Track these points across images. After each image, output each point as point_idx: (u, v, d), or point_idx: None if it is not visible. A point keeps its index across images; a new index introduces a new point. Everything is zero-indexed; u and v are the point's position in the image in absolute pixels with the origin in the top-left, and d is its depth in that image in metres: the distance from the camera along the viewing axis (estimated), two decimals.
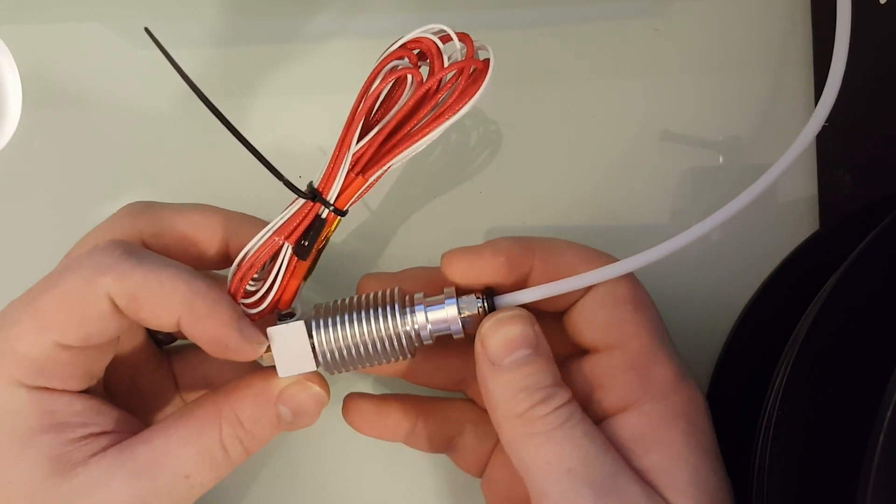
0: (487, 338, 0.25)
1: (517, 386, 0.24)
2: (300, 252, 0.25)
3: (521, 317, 0.25)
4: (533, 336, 0.25)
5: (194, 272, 0.25)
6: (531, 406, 0.24)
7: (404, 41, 0.24)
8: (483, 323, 0.25)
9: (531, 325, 0.25)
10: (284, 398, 0.26)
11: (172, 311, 0.24)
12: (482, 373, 0.25)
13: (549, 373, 0.25)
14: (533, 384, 0.24)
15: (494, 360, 0.25)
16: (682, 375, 0.26)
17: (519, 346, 0.25)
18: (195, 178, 0.34)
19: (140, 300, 0.24)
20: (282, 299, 0.26)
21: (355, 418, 0.29)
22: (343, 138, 0.24)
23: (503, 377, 0.25)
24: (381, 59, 0.24)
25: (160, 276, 0.24)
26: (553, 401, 0.24)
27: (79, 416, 0.24)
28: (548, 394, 0.24)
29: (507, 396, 0.24)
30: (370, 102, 0.24)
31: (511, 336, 0.25)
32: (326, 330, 0.26)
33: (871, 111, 0.30)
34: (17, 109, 0.34)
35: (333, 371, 0.26)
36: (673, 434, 0.25)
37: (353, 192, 0.25)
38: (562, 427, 0.24)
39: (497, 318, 0.25)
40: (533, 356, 0.25)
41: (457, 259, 0.26)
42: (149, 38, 0.23)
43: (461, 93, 0.24)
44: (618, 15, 0.35)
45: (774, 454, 0.24)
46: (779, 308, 0.28)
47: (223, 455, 0.25)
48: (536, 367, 0.25)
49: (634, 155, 0.34)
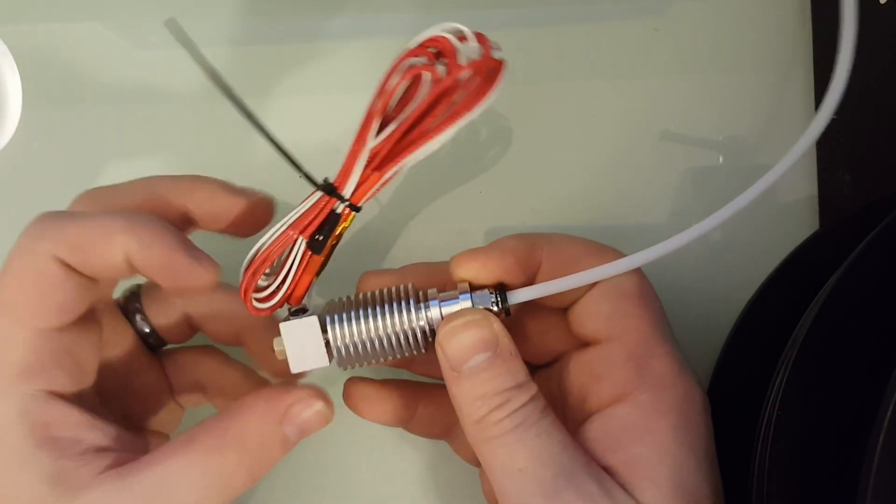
0: (443, 345, 0.25)
1: (475, 393, 0.25)
2: (314, 247, 0.25)
3: (475, 321, 0.25)
4: (490, 337, 0.25)
5: (136, 211, 0.25)
6: (487, 412, 0.24)
7: (421, 39, 0.24)
8: (439, 329, 0.25)
9: (488, 326, 0.25)
10: (290, 418, 0.25)
11: (117, 248, 0.23)
12: (445, 377, 0.25)
13: (508, 374, 0.25)
14: (490, 390, 0.24)
15: (453, 366, 0.25)
16: (681, 370, 0.26)
17: (476, 352, 0.25)
18: None
19: (84, 248, 0.23)
20: (294, 294, 0.26)
21: (357, 402, 0.29)
22: (360, 134, 0.25)
23: (462, 384, 0.25)
24: (398, 56, 0.24)
25: (97, 220, 0.24)
26: (509, 405, 0.24)
27: (73, 430, 0.24)
28: (504, 398, 0.24)
29: (466, 403, 0.25)
30: (387, 99, 0.24)
31: (466, 343, 0.25)
32: (341, 325, 0.26)
33: (871, 111, 0.30)
34: (17, 109, 0.34)
35: (346, 366, 0.26)
36: (662, 427, 0.25)
37: (369, 187, 0.25)
38: (515, 430, 0.24)
39: (451, 326, 0.25)
40: (491, 360, 0.25)
41: (466, 261, 0.26)
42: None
43: (477, 91, 0.24)
44: (618, 15, 0.35)
45: (774, 454, 0.24)
46: (779, 308, 0.28)
47: (228, 481, 0.25)
48: (494, 371, 0.25)
49: (634, 155, 0.34)
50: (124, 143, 0.34)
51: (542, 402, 0.25)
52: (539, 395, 0.25)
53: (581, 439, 0.25)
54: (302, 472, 0.33)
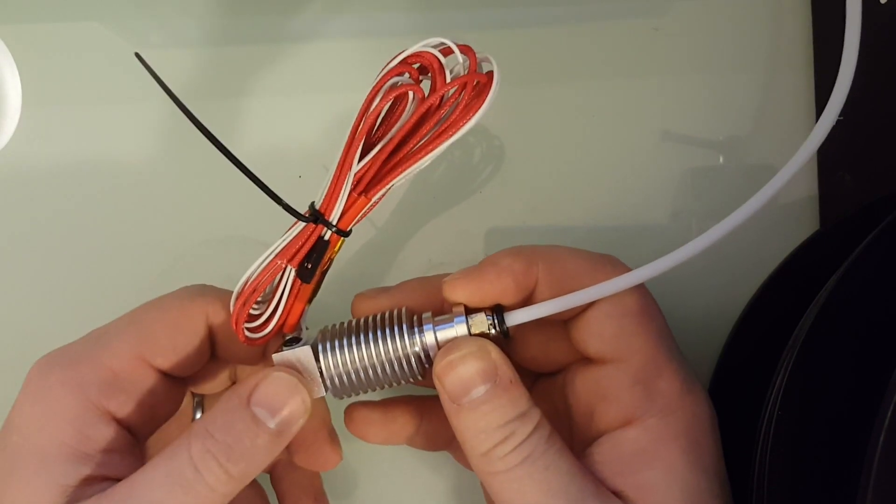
0: (442, 379, 0.25)
1: (477, 426, 0.24)
2: (303, 275, 0.25)
3: (472, 353, 0.24)
4: (489, 368, 0.24)
5: None
6: (492, 446, 0.24)
7: (404, 56, 0.23)
8: (436, 362, 0.25)
9: (486, 356, 0.24)
10: (257, 398, 0.24)
11: None
12: (445, 409, 0.25)
13: (510, 404, 0.24)
14: (493, 423, 0.24)
15: (453, 399, 0.24)
16: (688, 389, 0.25)
17: (475, 385, 0.24)
18: (196, 178, 0.34)
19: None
20: (287, 323, 0.25)
21: (362, 428, 0.29)
22: (344, 158, 0.24)
23: (464, 417, 0.24)
24: (380, 75, 0.23)
25: None
26: (514, 438, 0.24)
27: (102, 455, 0.24)
28: (509, 431, 0.24)
29: (469, 436, 0.24)
30: (371, 121, 0.23)
31: (464, 376, 0.24)
32: (333, 353, 0.25)
33: (872, 111, 0.30)
34: (17, 109, 0.34)
35: (342, 395, 0.26)
36: (672, 451, 0.25)
37: (356, 212, 0.24)
38: (522, 464, 0.24)
39: (448, 360, 0.24)
40: (491, 391, 0.24)
41: (461, 285, 0.25)
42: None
43: (465, 108, 0.23)
44: (618, 15, 0.34)
45: (774, 454, 0.24)
46: (779, 308, 0.28)
47: (195, 475, 0.23)
48: (495, 402, 0.24)
49: (634, 155, 0.34)
50: (124, 143, 0.34)
51: (548, 429, 0.25)
52: (543, 422, 0.25)
53: (588, 461, 0.25)
54: None
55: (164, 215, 0.34)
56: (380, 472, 0.33)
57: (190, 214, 0.34)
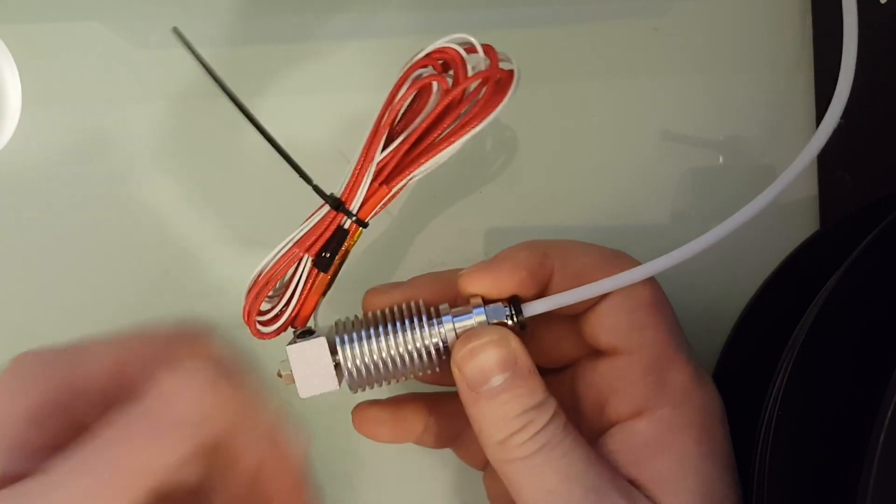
0: (462, 367, 0.25)
1: (496, 415, 0.24)
2: (321, 265, 0.25)
3: (493, 342, 0.25)
4: (509, 356, 0.25)
5: None
6: (510, 434, 0.24)
7: (429, 51, 0.24)
8: (456, 349, 0.25)
9: (506, 345, 0.25)
10: None
11: None
12: (462, 397, 0.25)
13: (528, 393, 0.24)
14: (511, 411, 0.24)
15: (472, 387, 0.25)
16: (698, 380, 0.26)
17: (495, 373, 0.24)
18: (196, 179, 0.34)
19: None
20: (300, 315, 0.25)
21: (371, 428, 0.29)
22: (367, 148, 0.24)
23: (483, 406, 0.24)
24: (405, 68, 0.24)
25: None
26: (532, 426, 0.24)
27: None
28: (527, 419, 0.24)
29: (487, 424, 0.24)
30: (395, 112, 0.24)
31: (485, 364, 0.24)
32: (351, 346, 0.25)
33: (872, 111, 0.30)
34: (17, 109, 0.34)
35: (357, 389, 0.26)
36: (685, 441, 0.25)
37: (377, 202, 0.25)
38: (540, 451, 0.24)
39: (469, 347, 0.25)
40: (510, 380, 0.24)
41: (477, 277, 0.26)
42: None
43: (486, 103, 0.24)
44: (618, 15, 0.34)
45: (774, 454, 0.24)
46: (779, 308, 0.28)
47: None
48: (514, 391, 0.24)
49: (634, 155, 0.34)
50: (124, 143, 0.34)
51: (563, 418, 0.25)
52: (559, 412, 0.25)
53: (602, 451, 0.25)
54: None
55: (164, 215, 0.34)
56: (380, 471, 0.33)
57: (190, 214, 0.34)
